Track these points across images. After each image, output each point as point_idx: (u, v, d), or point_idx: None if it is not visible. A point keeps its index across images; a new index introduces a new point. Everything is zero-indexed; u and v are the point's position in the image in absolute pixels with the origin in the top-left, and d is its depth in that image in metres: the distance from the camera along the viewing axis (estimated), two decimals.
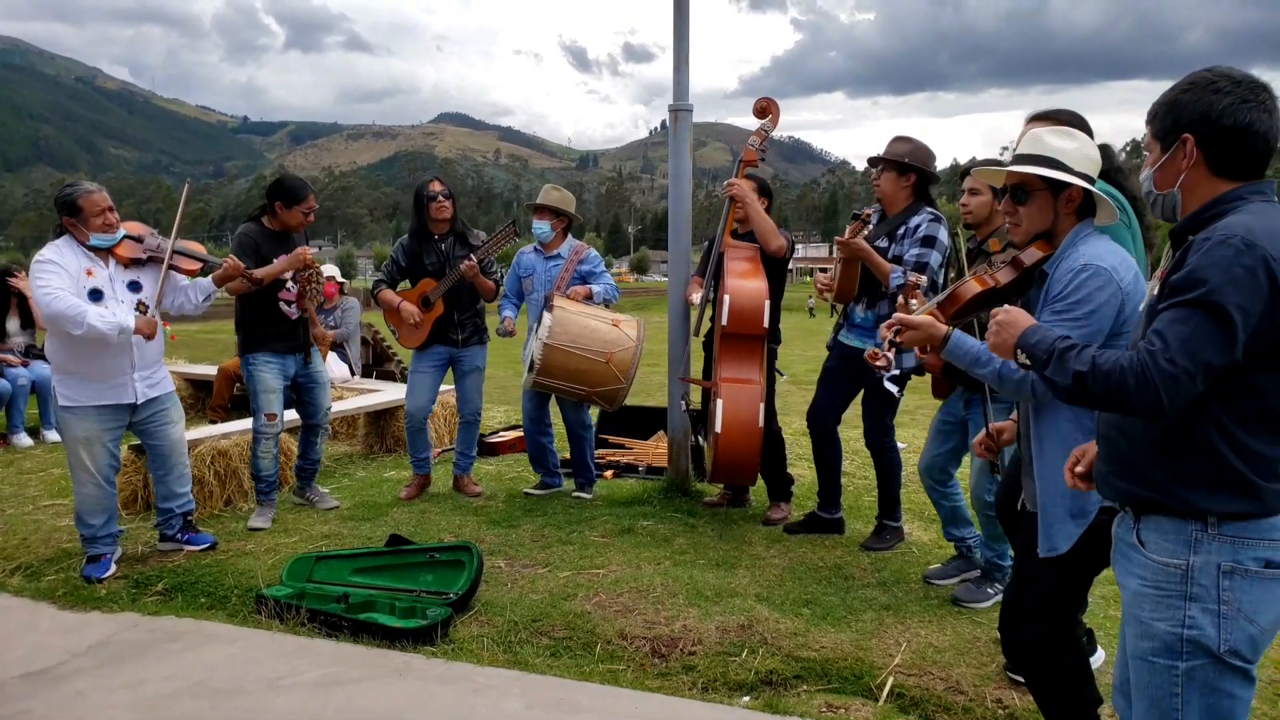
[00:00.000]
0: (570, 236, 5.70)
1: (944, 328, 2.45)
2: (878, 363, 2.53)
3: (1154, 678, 1.93)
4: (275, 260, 4.94)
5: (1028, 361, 1.99)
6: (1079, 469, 2.18)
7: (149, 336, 4.28)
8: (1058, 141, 2.46)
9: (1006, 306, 2.12)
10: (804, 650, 3.50)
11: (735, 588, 4.10)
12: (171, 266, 4.45)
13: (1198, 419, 1.85)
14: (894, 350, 2.50)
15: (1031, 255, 2.57)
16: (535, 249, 5.73)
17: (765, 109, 4.95)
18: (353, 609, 3.90)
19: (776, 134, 5.11)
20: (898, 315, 2.46)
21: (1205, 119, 1.87)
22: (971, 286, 2.69)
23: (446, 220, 5.48)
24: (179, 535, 4.68)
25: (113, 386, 4.33)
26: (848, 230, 4.28)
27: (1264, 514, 1.85)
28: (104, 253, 4.30)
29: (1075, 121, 2.98)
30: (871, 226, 4.33)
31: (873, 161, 4.56)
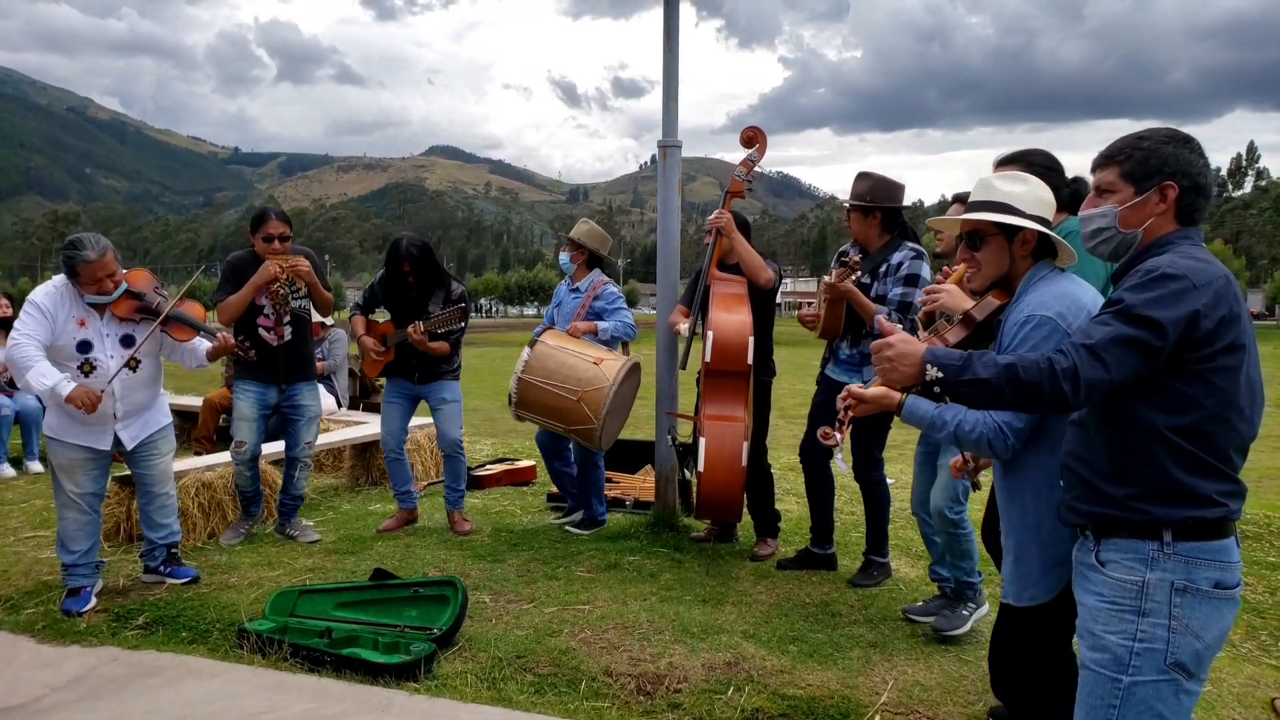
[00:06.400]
0: (596, 272, 5.73)
1: (897, 395, 2.44)
2: (828, 442, 2.53)
3: (1097, 687, 2.07)
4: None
5: (939, 374, 2.04)
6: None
7: (84, 408, 4.04)
8: (1007, 186, 2.48)
9: (890, 340, 2.15)
10: (790, 688, 3.48)
11: (722, 624, 4.08)
12: (163, 329, 4.42)
13: (1145, 437, 2.00)
14: (846, 428, 2.49)
15: (984, 308, 2.56)
16: (566, 281, 5.86)
17: (752, 139, 4.92)
18: (336, 644, 3.86)
19: (765, 169, 5.11)
20: (849, 389, 2.46)
21: (1186, 173, 2.07)
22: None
23: (412, 284, 5.39)
24: (162, 568, 4.64)
25: (93, 431, 4.30)
26: (835, 274, 4.24)
27: (1219, 524, 2.00)
28: (99, 306, 4.29)
29: (1045, 161, 2.99)
30: (859, 273, 4.31)
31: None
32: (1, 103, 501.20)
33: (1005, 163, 3.11)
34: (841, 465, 2.88)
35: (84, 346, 4.22)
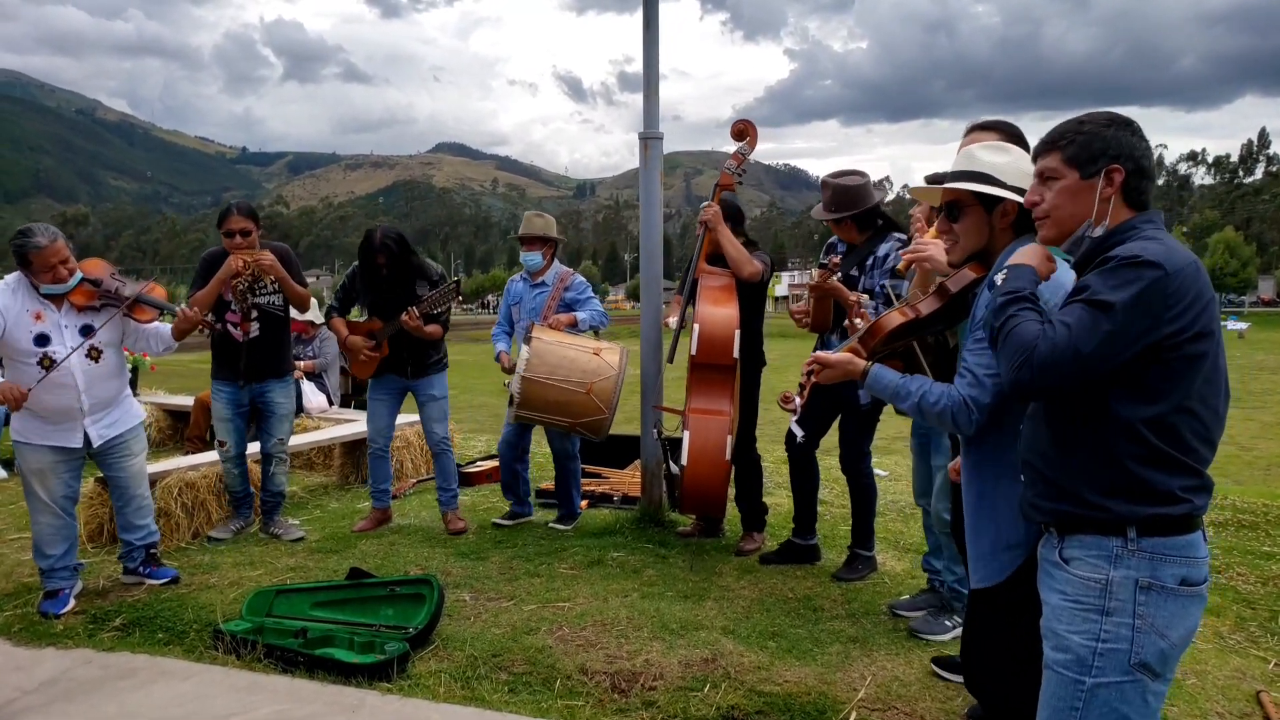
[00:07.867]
0: (557, 263, 5.66)
1: (862, 363, 2.38)
2: (787, 406, 2.47)
3: (1060, 688, 2.00)
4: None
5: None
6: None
7: (8, 403, 3.99)
8: (989, 156, 2.41)
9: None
10: (767, 684, 3.43)
11: (702, 620, 4.03)
12: (126, 314, 4.39)
13: (1107, 431, 1.93)
14: (806, 392, 2.43)
15: (960, 281, 2.47)
16: (523, 277, 5.71)
17: (743, 131, 4.90)
18: (310, 644, 3.82)
19: (772, 162, 5.15)
20: (816, 355, 2.41)
21: (1130, 156, 2.01)
22: (893, 318, 2.59)
23: (385, 276, 5.28)
24: (141, 568, 4.61)
25: (61, 430, 4.27)
26: (816, 276, 4.21)
27: (1184, 521, 1.92)
28: (58, 297, 4.26)
29: (1013, 132, 2.92)
30: (839, 275, 4.27)
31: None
32: (11, 106, 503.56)
33: (979, 129, 3.00)
34: (796, 429, 2.84)
35: (41, 340, 4.17)
